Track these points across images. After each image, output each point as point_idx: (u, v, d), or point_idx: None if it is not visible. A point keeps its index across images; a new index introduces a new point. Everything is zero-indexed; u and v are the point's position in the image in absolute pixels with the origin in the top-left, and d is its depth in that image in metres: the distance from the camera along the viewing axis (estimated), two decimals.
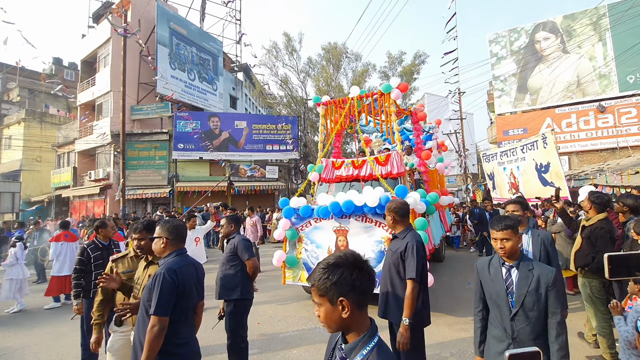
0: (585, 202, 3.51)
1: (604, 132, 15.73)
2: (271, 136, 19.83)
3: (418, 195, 4.78)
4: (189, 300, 2.02)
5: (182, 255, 2.10)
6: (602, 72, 16.18)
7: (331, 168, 5.91)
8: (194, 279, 2.09)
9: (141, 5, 19.24)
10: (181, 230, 2.17)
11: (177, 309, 1.93)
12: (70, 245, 6.07)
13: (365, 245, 4.53)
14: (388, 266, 2.64)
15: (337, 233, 4.81)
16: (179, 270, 1.96)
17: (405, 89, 5.62)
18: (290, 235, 5.08)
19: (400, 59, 23.33)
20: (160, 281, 1.89)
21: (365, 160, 5.58)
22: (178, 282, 1.92)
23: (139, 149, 18.33)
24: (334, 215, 4.73)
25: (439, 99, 36.33)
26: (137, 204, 18.24)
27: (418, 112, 6.62)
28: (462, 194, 22.64)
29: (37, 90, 27.65)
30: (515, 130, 17.84)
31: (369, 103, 5.87)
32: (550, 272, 1.83)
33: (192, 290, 2.05)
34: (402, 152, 7.66)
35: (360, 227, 4.67)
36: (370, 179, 5.43)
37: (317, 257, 4.87)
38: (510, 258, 1.95)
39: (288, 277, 5.11)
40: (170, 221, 2.18)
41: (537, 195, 9.06)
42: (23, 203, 22.01)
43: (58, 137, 22.86)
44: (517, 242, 1.92)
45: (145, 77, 19.55)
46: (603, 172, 11.52)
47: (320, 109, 6.29)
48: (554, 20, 17.45)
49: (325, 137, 6.28)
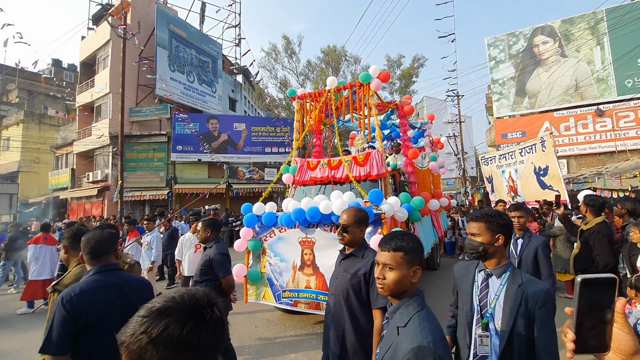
0: (581, 206, 3.50)
1: (602, 136, 15.77)
2: (270, 138, 19.84)
3: (397, 200, 4.20)
4: (104, 332, 1.49)
5: (102, 274, 1.69)
6: (600, 76, 16.25)
7: (306, 169, 5.34)
8: (117, 303, 1.64)
9: (141, 8, 19.27)
10: (103, 243, 1.75)
11: (84, 345, 1.54)
12: (49, 248, 5.95)
13: (332, 260, 3.95)
14: (344, 293, 2.07)
15: (302, 245, 4.15)
16: (79, 296, 1.55)
17: (386, 78, 5.04)
18: (252, 246, 4.46)
19: (399, 62, 23.41)
20: (55, 310, 1.53)
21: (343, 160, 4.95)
22: (75, 313, 1.52)
23: (137, 151, 18.31)
24: (300, 224, 4.11)
25: (438, 102, 36.48)
26: (136, 206, 18.17)
27: (404, 105, 5.83)
28: (461, 197, 22.65)
29: (36, 91, 27.63)
30: (514, 134, 17.88)
31: (348, 96, 5.29)
32: (540, 292, 1.47)
33: (110, 319, 1.56)
34: (390, 150, 7.23)
35: (328, 238, 4.00)
36: (347, 181, 4.86)
37: (280, 272, 4.29)
38: (486, 261, 1.62)
39: (250, 295, 4.50)
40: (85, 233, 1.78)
41: (536, 198, 9.06)
42: (21, 204, 21.91)
43: (56, 138, 22.81)
44: (490, 240, 1.58)
45: (144, 79, 19.55)
46: (602, 176, 11.54)
47: (295, 103, 5.75)
48: (552, 25, 17.54)
49: (299, 134, 5.68)
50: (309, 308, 4.04)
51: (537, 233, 6.17)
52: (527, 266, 2.77)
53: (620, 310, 0.69)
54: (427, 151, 7.53)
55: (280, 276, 4.30)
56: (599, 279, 0.72)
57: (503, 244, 1.58)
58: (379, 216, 3.83)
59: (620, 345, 0.69)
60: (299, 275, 4.12)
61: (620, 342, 0.69)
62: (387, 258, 1.31)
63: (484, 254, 1.59)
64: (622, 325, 0.69)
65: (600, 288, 0.71)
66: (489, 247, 1.58)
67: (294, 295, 4.13)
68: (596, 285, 0.72)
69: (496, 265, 1.60)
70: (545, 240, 2.88)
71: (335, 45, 23.16)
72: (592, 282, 0.72)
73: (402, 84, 23.27)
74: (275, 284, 4.32)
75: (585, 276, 0.73)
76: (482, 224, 1.60)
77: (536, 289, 1.48)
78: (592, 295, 0.71)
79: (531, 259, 2.76)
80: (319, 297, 3.96)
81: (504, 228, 1.59)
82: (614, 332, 0.70)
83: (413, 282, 1.30)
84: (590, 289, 0.72)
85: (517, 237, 2.92)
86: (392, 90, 23.49)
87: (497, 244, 1.58)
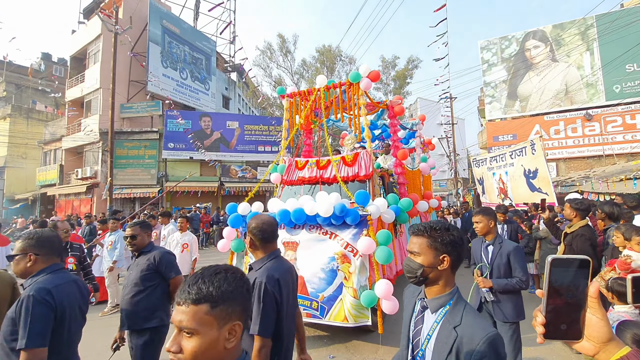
0: (567, 210, 3.55)
1: (590, 140, 16.05)
2: (263, 137, 19.75)
3: (384, 202, 4.16)
4: (72, 326, 1.67)
5: (57, 272, 1.73)
6: (589, 81, 16.53)
7: (294, 168, 5.26)
8: (78, 299, 1.75)
9: (133, 2, 19.00)
10: (54, 242, 1.79)
11: (56, 338, 1.59)
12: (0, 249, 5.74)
13: (315, 262, 3.86)
14: None
15: (285, 247, 4.06)
16: (55, 290, 1.61)
17: (376, 78, 4.93)
18: (235, 246, 4.37)
19: (393, 63, 23.53)
20: (30, 305, 1.52)
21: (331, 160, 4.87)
22: (55, 304, 1.58)
23: (128, 148, 18.05)
24: (285, 225, 4.05)
25: (432, 103, 36.74)
26: (125, 203, 17.92)
27: (395, 106, 5.77)
28: (453, 198, 22.85)
29: (25, 85, 27.07)
30: (505, 136, 18.09)
31: (338, 95, 5.19)
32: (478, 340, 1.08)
33: (76, 314, 1.72)
34: (381, 151, 7.21)
35: (311, 239, 3.97)
36: (335, 182, 4.78)
37: None
38: (427, 287, 1.27)
39: None
40: (37, 232, 1.78)
41: (525, 200, 9.18)
42: (7, 201, 21.45)
43: (45, 134, 22.37)
44: (432, 262, 1.22)
45: (136, 74, 19.29)
46: (589, 179, 11.74)
47: (284, 102, 5.67)
48: (544, 29, 17.79)
49: (288, 133, 5.58)
50: None
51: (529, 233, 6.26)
52: (501, 274, 2.71)
53: (594, 294, 0.66)
54: (418, 152, 7.45)
55: None
56: (571, 259, 0.68)
57: (449, 267, 1.23)
58: (365, 218, 3.75)
59: (594, 332, 0.65)
60: None
61: (593, 329, 0.65)
62: (187, 317, 0.81)
63: (423, 279, 1.24)
64: (595, 310, 0.66)
65: (573, 270, 0.68)
66: (430, 270, 1.22)
67: None
68: (568, 267, 0.68)
69: (437, 295, 1.24)
70: (518, 245, 2.77)
71: (331, 45, 23.17)
72: (563, 263, 0.68)
73: (396, 85, 23.39)
74: None
75: (556, 256, 0.69)
76: (424, 239, 1.25)
77: (473, 335, 1.10)
78: (564, 277, 0.68)
79: (504, 266, 2.70)
80: (299, 301, 3.89)
81: (451, 247, 1.22)
82: (587, 318, 0.66)
83: (228, 348, 0.85)
84: (562, 271, 0.68)
85: (488, 244, 2.83)
86: (386, 91, 23.59)
87: (440, 267, 1.22)
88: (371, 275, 3.65)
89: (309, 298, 3.78)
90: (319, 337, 4.23)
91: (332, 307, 3.66)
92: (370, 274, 3.65)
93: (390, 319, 4.00)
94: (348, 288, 3.64)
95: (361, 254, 3.64)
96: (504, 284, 2.66)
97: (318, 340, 4.15)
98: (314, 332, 4.37)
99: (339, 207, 3.66)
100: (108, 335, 2.85)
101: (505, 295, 2.71)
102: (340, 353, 3.81)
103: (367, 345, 3.90)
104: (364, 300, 3.51)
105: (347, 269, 3.68)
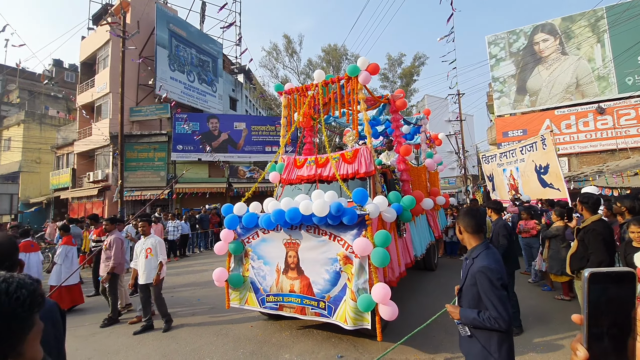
0: (577, 204, 3.48)
1: (603, 134, 15.69)
2: (270, 137, 19.83)
3: (384, 200, 3.94)
4: None
5: None
6: (601, 73, 16.16)
7: (293, 167, 5.08)
8: None
9: (140, 7, 19.27)
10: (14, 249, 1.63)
11: None
12: None
13: (317, 264, 3.78)
14: None
15: (287, 247, 3.97)
16: None
17: (375, 70, 4.64)
18: (233, 249, 4.26)
19: (400, 60, 23.42)
20: None
21: (331, 157, 4.68)
22: None
23: (137, 150, 18.34)
24: (281, 225, 3.89)
25: (439, 100, 36.36)
26: (136, 206, 18.20)
27: (396, 100, 5.44)
28: (462, 195, 22.59)
29: (37, 92, 27.70)
30: (515, 132, 17.82)
31: (337, 90, 4.92)
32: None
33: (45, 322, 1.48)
34: (383, 147, 7.06)
35: (312, 240, 3.83)
36: (334, 180, 4.53)
37: (264, 275, 4.12)
38: None
39: (234, 300, 4.30)
40: None
41: (536, 197, 9.02)
42: (22, 205, 21.99)
43: (57, 138, 22.87)
44: None
45: (144, 78, 19.58)
46: (602, 174, 11.48)
47: (282, 99, 5.45)
48: (553, 22, 17.45)
49: (286, 131, 5.37)
50: (294, 312, 3.90)
51: (535, 232, 6.16)
52: (471, 301, 2.01)
53: None
54: (424, 147, 7.14)
55: (264, 280, 4.12)
56: (612, 273, 0.56)
57: None
58: (363, 217, 3.54)
59: None
60: (282, 278, 3.98)
61: None
62: None
63: None
64: None
65: (616, 287, 0.55)
66: None
67: (279, 299, 4.00)
68: (609, 283, 0.55)
69: None
70: (488, 266, 1.93)
71: (336, 44, 23.14)
72: (603, 279, 0.56)
73: (403, 82, 23.24)
74: (259, 288, 4.14)
75: (595, 270, 0.56)
76: None
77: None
78: (606, 297, 0.55)
79: (470, 293, 2.00)
80: (304, 301, 3.82)
81: None
82: (637, 348, 0.54)
83: None
84: (602, 289, 0.56)
85: (465, 257, 2.19)
86: (392, 89, 23.45)
87: None
88: (370, 278, 3.51)
89: (315, 299, 3.78)
90: (327, 337, 4.25)
91: (339, 307, 3.65)
92: (369, 277, 3.51)
93: (396, 320, 3.81)
94: (349, 290, 3.58)
95: (358, 255, 3.53)
96: (472, 318, 1.94)
97: (326, 340, 4.17)
98: (322, 331, 4.39)
99: (335, 206, 3.46)
100: None
101: (480, 332, 1.96)
102: (348, 352, 3.81)
103: (375, 345, 3.89)
104: (360, 305, 3.36)
105: (350, 270, 3.60)
